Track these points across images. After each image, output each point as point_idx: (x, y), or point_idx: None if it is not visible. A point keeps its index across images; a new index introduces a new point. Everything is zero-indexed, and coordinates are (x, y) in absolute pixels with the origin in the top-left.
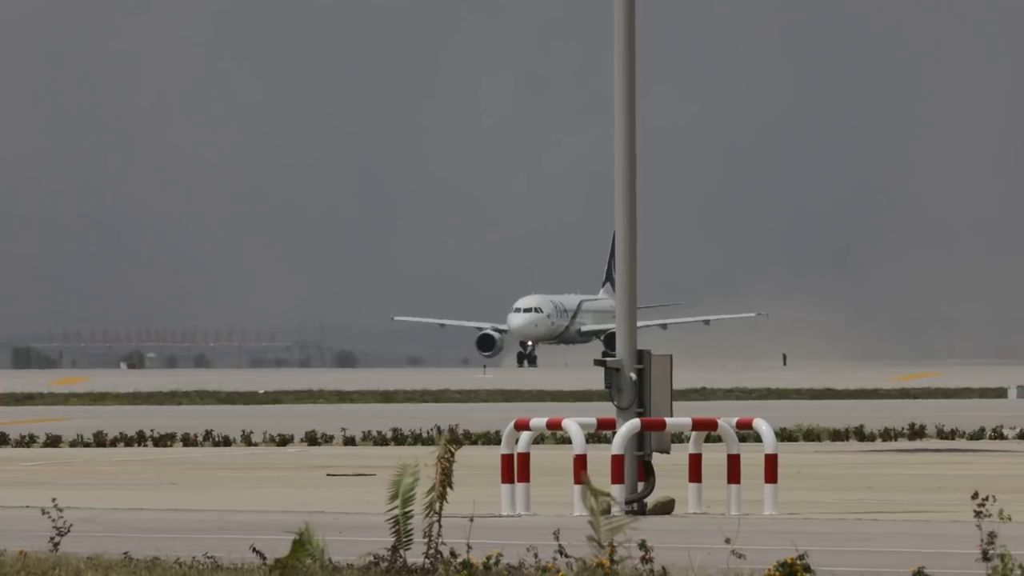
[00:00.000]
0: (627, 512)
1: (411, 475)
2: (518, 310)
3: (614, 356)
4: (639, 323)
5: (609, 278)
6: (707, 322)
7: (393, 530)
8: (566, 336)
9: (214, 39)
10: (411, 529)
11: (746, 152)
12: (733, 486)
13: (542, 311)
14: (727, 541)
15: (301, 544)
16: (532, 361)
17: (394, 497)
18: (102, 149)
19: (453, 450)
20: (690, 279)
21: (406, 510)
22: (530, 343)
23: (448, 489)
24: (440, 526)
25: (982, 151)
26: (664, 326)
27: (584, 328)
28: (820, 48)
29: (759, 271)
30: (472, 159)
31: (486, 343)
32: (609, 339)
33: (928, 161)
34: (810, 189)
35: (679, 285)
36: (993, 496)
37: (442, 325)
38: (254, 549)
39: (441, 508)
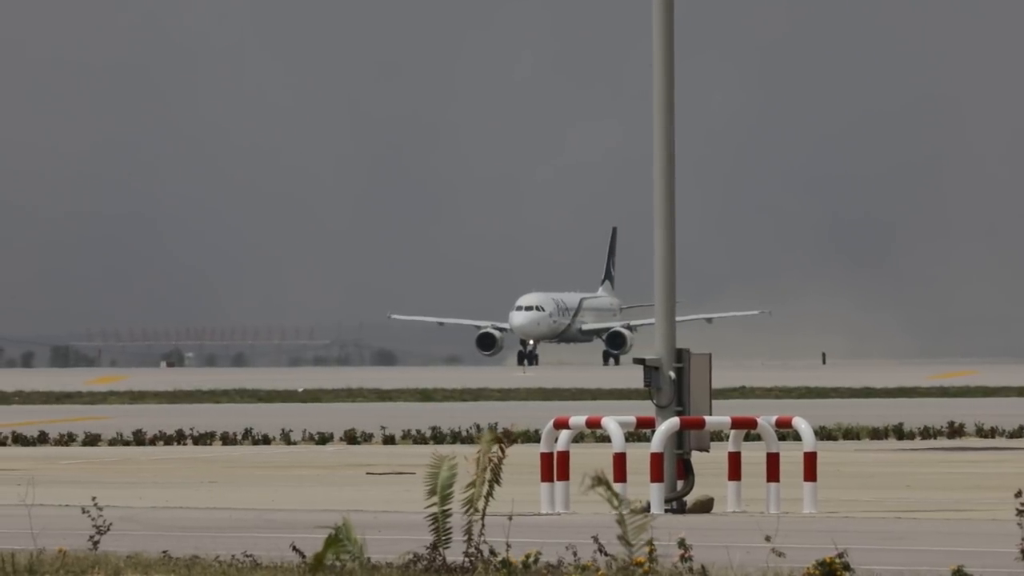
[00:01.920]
0: (666, 510)
1: (448, 469)
2: (520, 308)
3: (616, 354)
4: (640, 322)
5: (608, 276)
6: (709, 320)
7: (432, 527)
8: (567, 335)
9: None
10: (450, 528)
11: (777, 143)
12: (772, 484)
13: (544, 309)
14: (767, 539)
15: (335, 540)
16: (533, 360)
17: (432, 493)
18: (144, 147)
19: (504, 447)
20: (723, 273)
21: (444, 508)
22: (531, 342)
23: (496, 486)
24: (483, 524)
25: (1020, 147)
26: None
27: (585, 327)
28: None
29: (793, 267)
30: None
31: (487, 342)
32: (612, 338)
33: (966, 157)
34: (845, 185)
35: (711, 280)
36: None
37: (441, 324)
38: (294, 547)
39: (485, 506)
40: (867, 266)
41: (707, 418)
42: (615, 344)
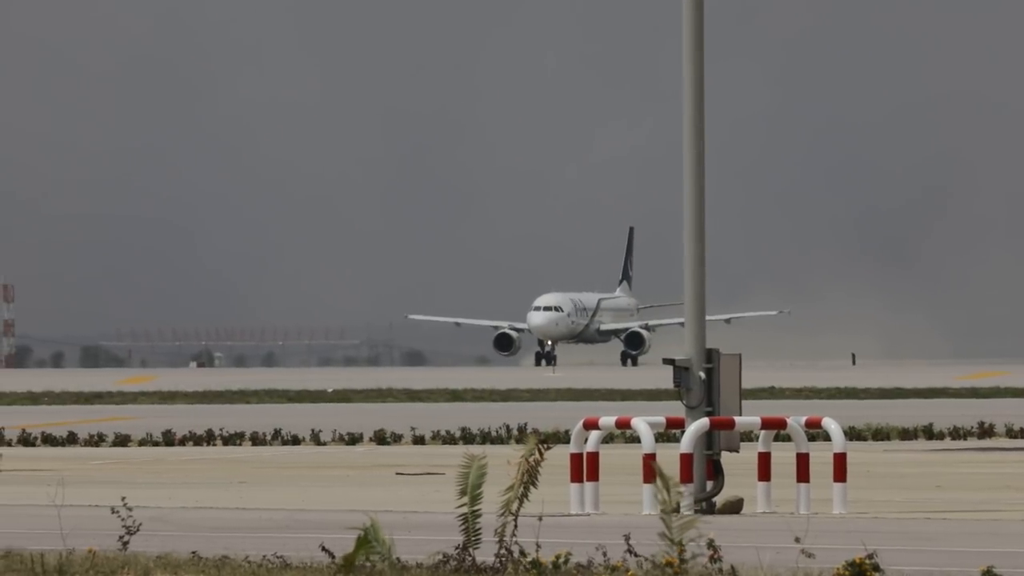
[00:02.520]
0: (696, 511)
1: (478, 469)
2: (538, 308)
3: (635, 355)
4: (659, 322)
5: (625, 276)
6: (728, 321)
7: (462, 528)
8: (585, 335)
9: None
10: (479, 528)
11: (803, 139)
12: (802, 485)
13: (562, 309)
14: (796, 540)
15: (365, 541)
16: (551, 361)
17: (463, 493)
18: (173, 148)
19: (543, 450)
20: (749, 273)
21: (475, 508)
22: (549, 342)
23: (532, 488)
24: (515, 526)
25: None
26: (684, 324)
27: (603, 327)
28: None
29: (821, 266)
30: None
31: (504, 342)
32: (630, 338)
33: (999, 154)
34: (874, 182)
35: (738, 280)
36: None
37: (458, 324)
38: (323, 548)
39: (519, 508)
40: (897, 265)
41: (737, 418)
42: (633, 344)
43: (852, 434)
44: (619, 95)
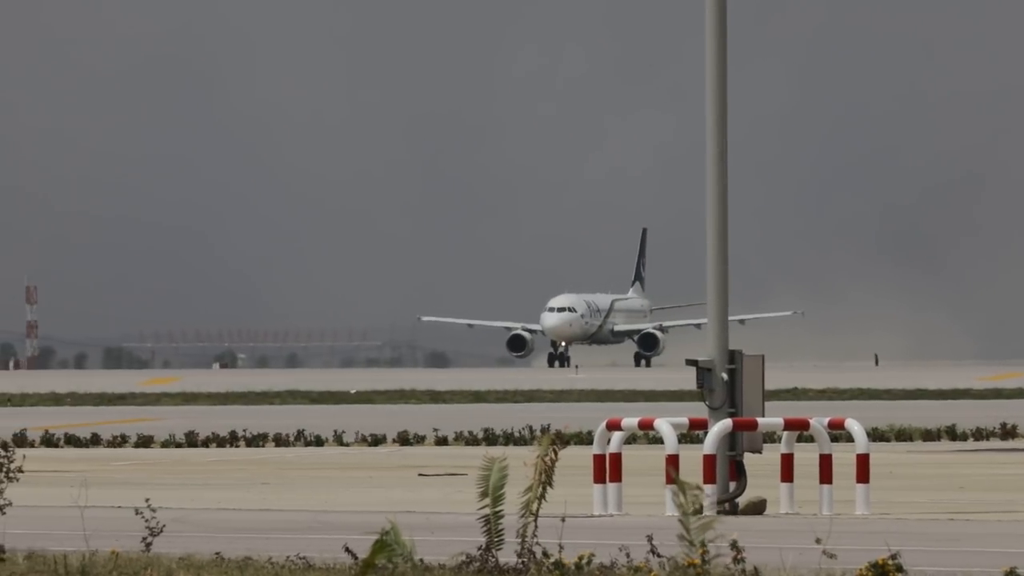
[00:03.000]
0: (718, 512)
1: (499, 471)
2: (552, 309)
3: (648, 356)
4: (673, 323)
5: (638, 277)
6: (743, 321)
7: (485, 529)
8: (599, 336)
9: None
10: (502, 529)
11: (825, 135)
12: (825, 486)
13: (576, 311)
14: (818, 541)
15: (384, 544)
16: (564, 362)
17: (484, 494)
18: (197, 151)
19: (558, 450)
20: (771, 274)
21: (496, 509)
22: (563, 343)
23: (549, 488)
24: (536, 526)
25: None
26: (699, 326)
27: (617, 328)
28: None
29: (843, 266)
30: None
31: (517, 343)
32: (644, 339)
33: (1019, 152)
34: (895, 181)
35: (758, 280)
36: None
37: (470, 326)
38: (346, 549)
39: (539, 508)
40: (920, 265)
41: (760, 419)
42: (647, 346)
43: (875, 435)
44: (637, 96)
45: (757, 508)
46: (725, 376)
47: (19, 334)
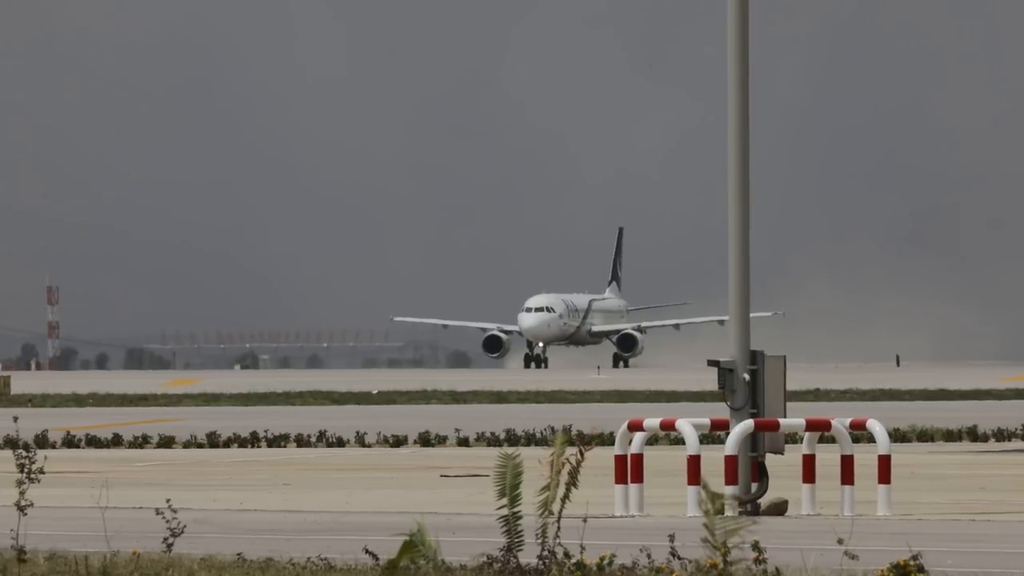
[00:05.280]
0: (741, 513)
1: (514, 469)
2: (529, 310)
3: (627, 357)
4: (651, 323)
5: (615, 277)
6: (722, 322)
7: (504, 529)
8: (577, 337)
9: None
10: (521, 529)
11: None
12: (847, 487)
13: (554, 311)
14: (840, 542)
15: (412, 544)
16: (540, 363)
17: (502, 494)
18: (218, 157)
19: (583, 451)
20: (794, 272)
21: (515, 509)
22: (540, 344)
23: (573, 489)
24: (558, 527)
25: None
26: (676, 327)
27: (595, 329)
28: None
29: (869, 265)
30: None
31: (493, 344)
32: (622, 340)
33: None
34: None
35: (781, 277)
36: None
37: (445, 326)
38: (367, 550)
39: (562, 509)
40: (946, 264)
41: (781, 420)
42: (626, 346)
43: (896, 436)
44: (617, 100)
45: (779, 509)
46: (747, 377)
47: (40, 335)
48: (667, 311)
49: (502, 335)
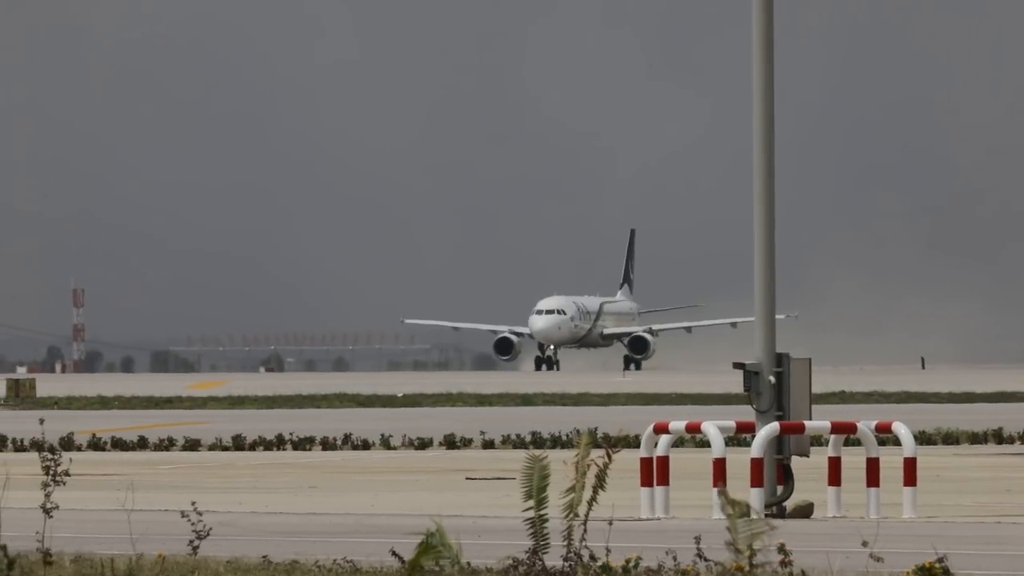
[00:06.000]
0: (766, 515)
1: (541, 471)
2: (540, 312)
3: (638, 359)
4: (663, 326)
5: (627, 279)
6: (734, 325)
7: (531, 531)
8: (588, 339)
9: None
10: (547, 532)
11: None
12: (872, 489)
13: (565, 313)
14: (865, 544)
15: (429, 546)
16: (552, 366)
17: (528, 496)
18: (244, 160)
19: (611, 453)
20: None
21: (541, 512)
22: (551, 346)
23: (600, 491)
24: (585, 529)
25: None
26: (689, 329)
27: (606, 331)
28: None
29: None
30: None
31: (504, 347)
32: (634, 343)
33: None
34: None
35: (807, 277)
36: None
37: (455, 328)
38: (393, 552)
39: (589, 512)
40: (973, 267)
41: (807, 423)
42: (637, 349)
43: (922, 438)
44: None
45: (804, 511)
46: (772, 379)
47: (66, 337)
48: (679, 313)
49: (513, 337)
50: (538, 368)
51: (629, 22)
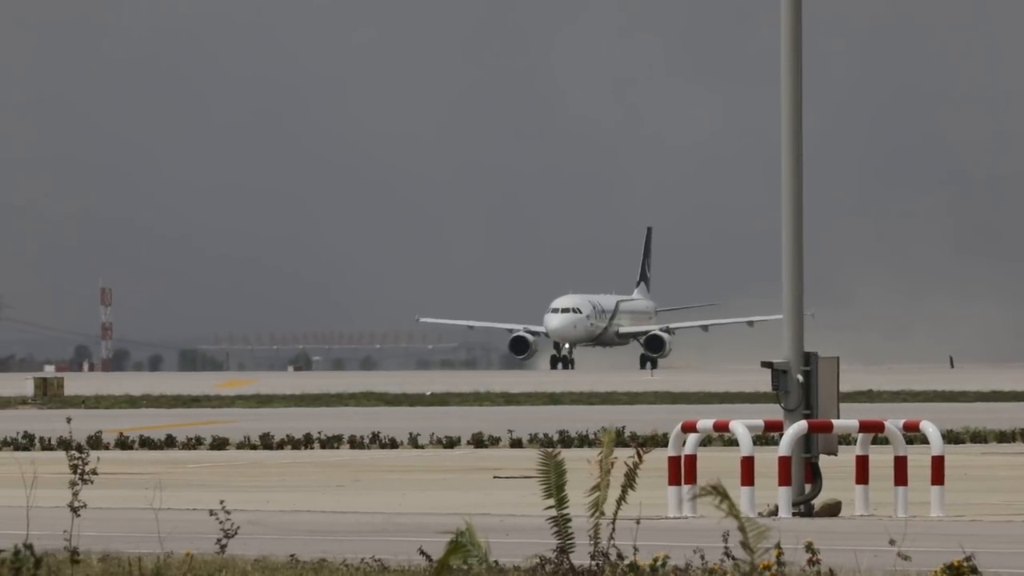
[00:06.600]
0: (794, 514)
1: (557, 468)
2: (555, 310)
3: (655, 358)
4: (679, 325)
5: (644, 278)
6: (751, 323)
7: (554, 530)
8: (604, 338)
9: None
10: (571, 531)
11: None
12: (900, 488)
13: (581, 311)
14: (892, 543)
15: (459, 545)
16: (567, 364)
17: (548, 494)
18: (273, 160)
19: (642, 453)
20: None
21: (563, 510)
22: (567, 345)
23: (630, 491)
24: (613, 528)
25: None
26: (705, 328)
27: (622, 330)
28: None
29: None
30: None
31: (519, 345)
32: (650, 341)
33: None
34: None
35: (834, 277)
36: None
37: (471, 327)
38: (421, 551)
39: (617, 510)
40: (1000, 267)
41: (835, 422)
42: (654, 348)
43: (950, 437)
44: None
45: (832, 510)
46: (800, 378)
47: (94, 336)
48: (696, 312)
49: (528, 336)
50: (553, 367)
51: (652, 23)
